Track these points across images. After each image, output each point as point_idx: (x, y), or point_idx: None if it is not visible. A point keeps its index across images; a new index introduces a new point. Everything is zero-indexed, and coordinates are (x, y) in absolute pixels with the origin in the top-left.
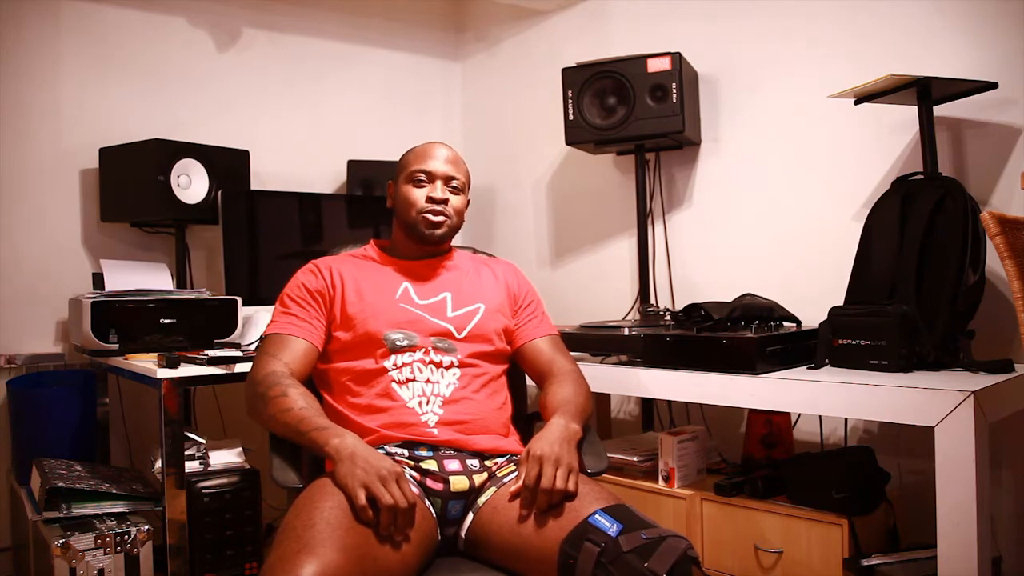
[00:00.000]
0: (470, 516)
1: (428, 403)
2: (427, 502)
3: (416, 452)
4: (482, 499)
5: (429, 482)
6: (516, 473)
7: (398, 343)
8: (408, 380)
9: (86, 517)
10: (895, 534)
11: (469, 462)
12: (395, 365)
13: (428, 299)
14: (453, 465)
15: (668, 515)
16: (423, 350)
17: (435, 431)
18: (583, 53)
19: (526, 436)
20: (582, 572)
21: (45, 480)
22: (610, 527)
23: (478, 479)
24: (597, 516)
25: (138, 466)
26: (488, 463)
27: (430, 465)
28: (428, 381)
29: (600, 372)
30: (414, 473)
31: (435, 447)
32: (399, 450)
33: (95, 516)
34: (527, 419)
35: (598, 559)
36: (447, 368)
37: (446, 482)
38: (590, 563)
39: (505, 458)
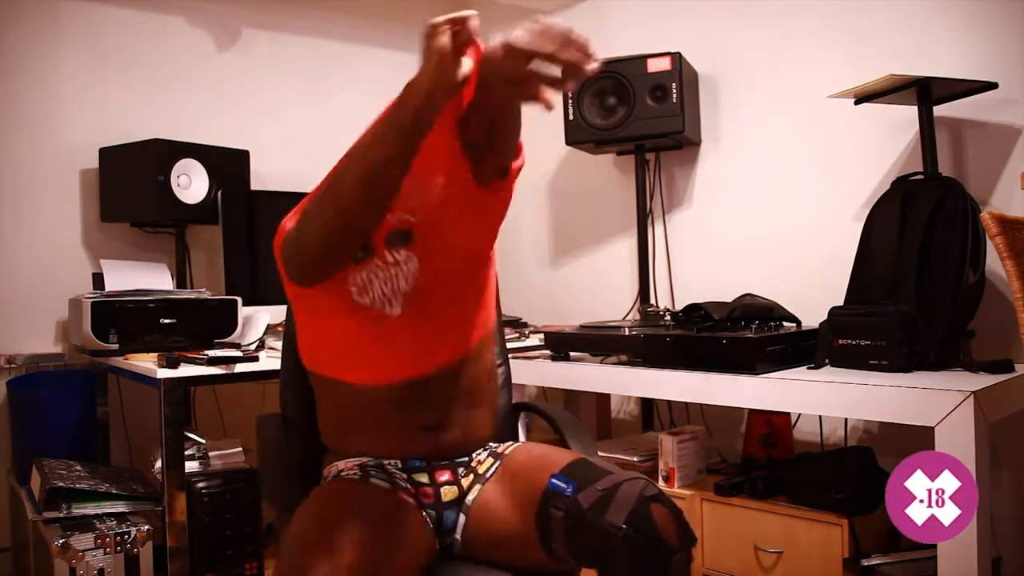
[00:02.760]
0: (462, 518)
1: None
2: (424, 513)
3: (409, 464)
4: (469, 498)
5: (422, 494)
6: (496, 465)
7: None
8: None
9: (86, 517)
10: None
11: (459, 470)
12: None
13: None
14: (444, 476)
15: None
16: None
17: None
18: None
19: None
20: (558, 543)
21: (45, 480)
22: (566, 487)
23: (465, 482)
24: (553, 480)
25: (138, 466)
26: (472, 462)
27: (422, 477)
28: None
29: (600, 372)
30: (408, 485)
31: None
32: (394, 464)
33: (95, 516)
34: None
35: (566, 526)
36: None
37: (438, 494)
38: (561, 532)
39: (486, 452)
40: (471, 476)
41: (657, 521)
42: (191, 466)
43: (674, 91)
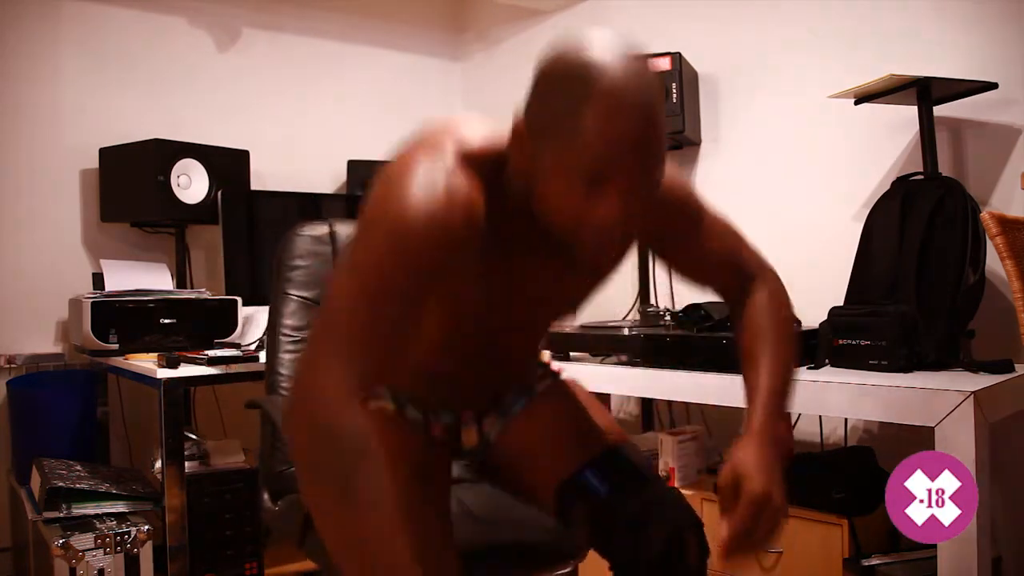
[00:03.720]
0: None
1: None
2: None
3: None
4: (492, 434)
5: (445, 430)
6: (524, 403)
7: None
8: None
9: (86, 517)
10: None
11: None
12: None
13: None
14: (467, 415)
15: None
16: None
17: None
18: None
19: None
20: (577, 530)
21: (45, 480)
22: (600, 488)
23: (488, 423)
24: (588, 475)
25: (138, 466)
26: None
27: (447, 416)
28: None
29: (600, 372)
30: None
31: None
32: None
33: (95, 516)
34: None
35: (592, 519)
36: None
37: (458, 438)
38: (584, 522)
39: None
40: (494, 414)
41: (689, 554)
42: (191, 466)
43: (674, 91)
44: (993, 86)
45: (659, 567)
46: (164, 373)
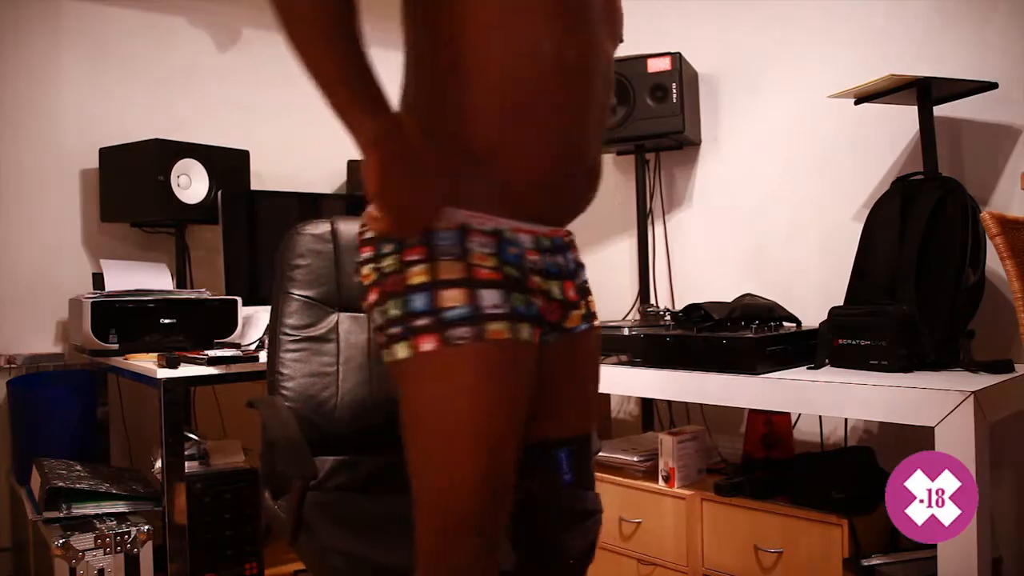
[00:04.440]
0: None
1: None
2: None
3: (544, 248)
4: (552, 336)
5: (548, 310)
6: (584, 327)
7: None
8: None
9: (86, 517)
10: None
11: (579, 283)
12: None
13: None
14: (571, 291)
15: (668, 515)
16: None
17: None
18: None
19: None
20: (528, 496)
21: (45, 480)
22: (567, 474)
23: (585, 307)
24: (562, 456)
25: (138, 466)
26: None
27: (554, 288)
28: None
29: (600, 372)
30: (538, 301)
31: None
32: (528, 248)
33: (95, 516)
34: None
35: (530, 498)
36: None
37: (565, 315)
38: (533, 495)
39: (580, 273)
40: (583, 307)
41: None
42: (191, 466)
43: (674, 91)
44: (993, 86)
45: (565, 561)
46: (164, 373)
